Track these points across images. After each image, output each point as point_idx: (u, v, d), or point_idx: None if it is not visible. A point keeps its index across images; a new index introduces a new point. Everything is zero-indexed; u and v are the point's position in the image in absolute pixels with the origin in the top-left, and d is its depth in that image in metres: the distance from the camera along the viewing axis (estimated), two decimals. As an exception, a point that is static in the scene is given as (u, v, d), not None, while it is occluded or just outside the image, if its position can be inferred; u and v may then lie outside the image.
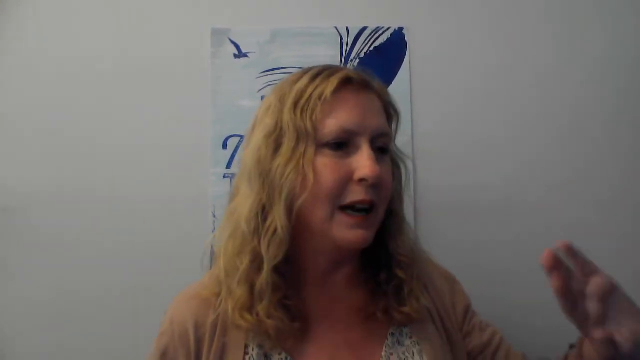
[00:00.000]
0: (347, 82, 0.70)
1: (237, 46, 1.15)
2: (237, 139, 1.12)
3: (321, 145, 0.67)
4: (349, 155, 0.67)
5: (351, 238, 0.67)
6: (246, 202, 0.69)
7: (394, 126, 0.77)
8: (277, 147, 0.68)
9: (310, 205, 0.67)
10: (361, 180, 0.66)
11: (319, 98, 0.67)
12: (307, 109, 0.67)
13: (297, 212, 0.67)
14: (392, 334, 0.73)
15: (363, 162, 0.66)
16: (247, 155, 0.71)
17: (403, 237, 0.76)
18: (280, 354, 0.67)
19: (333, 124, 0.67)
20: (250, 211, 0.68)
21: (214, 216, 1.11)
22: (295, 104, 0.68)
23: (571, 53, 1.16)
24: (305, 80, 0.70)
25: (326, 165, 0.66)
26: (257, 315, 0.66)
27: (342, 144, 0.67)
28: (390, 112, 0.76)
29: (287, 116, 0.68)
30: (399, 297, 0.73)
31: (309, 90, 0.68)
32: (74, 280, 1.09)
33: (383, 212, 0.71)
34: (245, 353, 0.67)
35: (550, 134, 1.14)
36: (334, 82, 0.68)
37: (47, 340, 1.08)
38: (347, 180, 0.66)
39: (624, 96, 1.15)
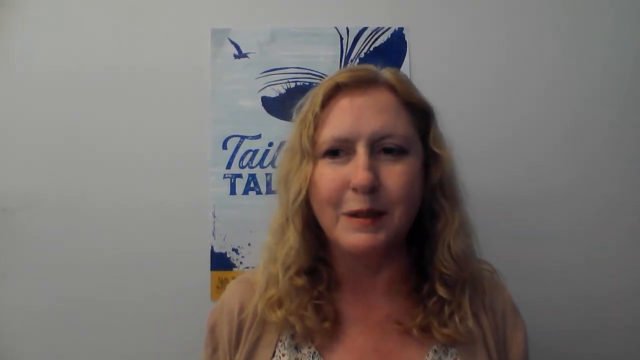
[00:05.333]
0: (337, 89, 0.69)
1: (237, 46, 1.15)
2: (237, 139, 1.12)
3: (321, 156, 0.68)
4: (347, 162, 0.66)
5: (355, 242, 0.65)
6: (275, 213, 0.74)
7: (420, 118, 0.71)
8: (292, 162, 0.71)
9: (319, 215, 0.69)
10: (355, 188, 0.64)
11: (312, 113, 0.69)
12: (304, 127, 0.69)
13: (320, 221, 0.69)
14: (435, 351, 0.68)
15: (354, 170, 0.64)
16: (277, 169, 0.76)
17: (448, 246, 0.69)
18: (309, 347, 0.69)
19: (326, 133, 0.68)
20: (275, 222, 0.73)
21: (214, 216, 1.11)
22: (299, 121, 0.71)
23: (574, 53, 1.15)
24: (310, 94, 0.73)
25: (322, 175, 0.67)
26: (287, 312, 0.69)
27: (340, 152, 0.67)
28: (412, 104, 0.70)
29: (294, 133, 0.72)
30: (440, 315, 0.68)
31: (306, 107, 0.71)
32: (73, 281, 1.09)
33: (403, 215, 0.66)
34: (279, 340, 0.71)
35: (552, 135, 1.14)
36: (320, 94, 0.69)
37: (46, 341, 1.08)
38: (344, 188, 0.65)
39: (629, 97, 1.14)
